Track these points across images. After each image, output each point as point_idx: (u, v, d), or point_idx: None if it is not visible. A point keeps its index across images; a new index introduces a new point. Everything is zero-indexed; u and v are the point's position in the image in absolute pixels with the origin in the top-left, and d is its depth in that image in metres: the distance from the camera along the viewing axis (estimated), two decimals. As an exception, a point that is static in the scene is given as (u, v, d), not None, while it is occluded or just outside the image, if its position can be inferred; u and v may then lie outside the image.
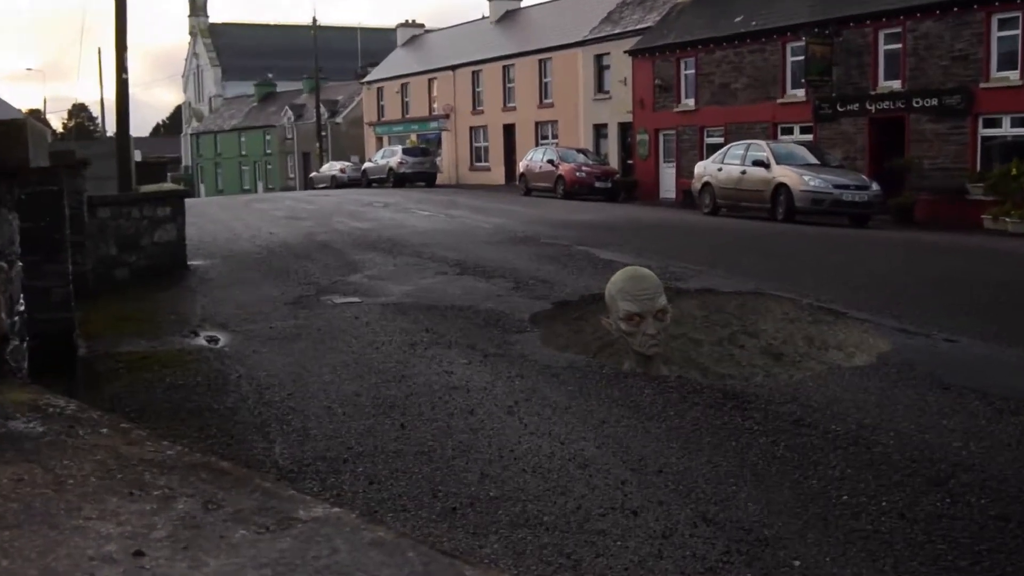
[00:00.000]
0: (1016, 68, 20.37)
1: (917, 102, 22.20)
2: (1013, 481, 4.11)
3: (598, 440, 4.66)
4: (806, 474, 4.20)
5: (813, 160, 21.20)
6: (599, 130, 35.15)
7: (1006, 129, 20.80)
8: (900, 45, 22.60)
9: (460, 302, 8.51)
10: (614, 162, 33.16)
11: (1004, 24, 20.66)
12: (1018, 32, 20.37)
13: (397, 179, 39.67)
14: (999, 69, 20.72)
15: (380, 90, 50.48)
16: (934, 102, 21.83)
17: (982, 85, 20.85)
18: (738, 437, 4.69)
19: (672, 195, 29.77)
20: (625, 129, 33.29)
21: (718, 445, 4.57)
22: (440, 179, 42.27)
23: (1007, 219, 18.94)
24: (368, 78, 51.95)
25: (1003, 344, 6.94)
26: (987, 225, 19.42)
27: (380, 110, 50.92)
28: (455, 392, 5.54)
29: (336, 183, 44.05)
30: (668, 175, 30.50)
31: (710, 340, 7.93)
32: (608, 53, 33.87)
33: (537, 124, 39.20)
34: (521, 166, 33.21)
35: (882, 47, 23.18)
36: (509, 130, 40.96)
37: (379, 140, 50.21)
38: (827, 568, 3.35)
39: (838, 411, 5.14)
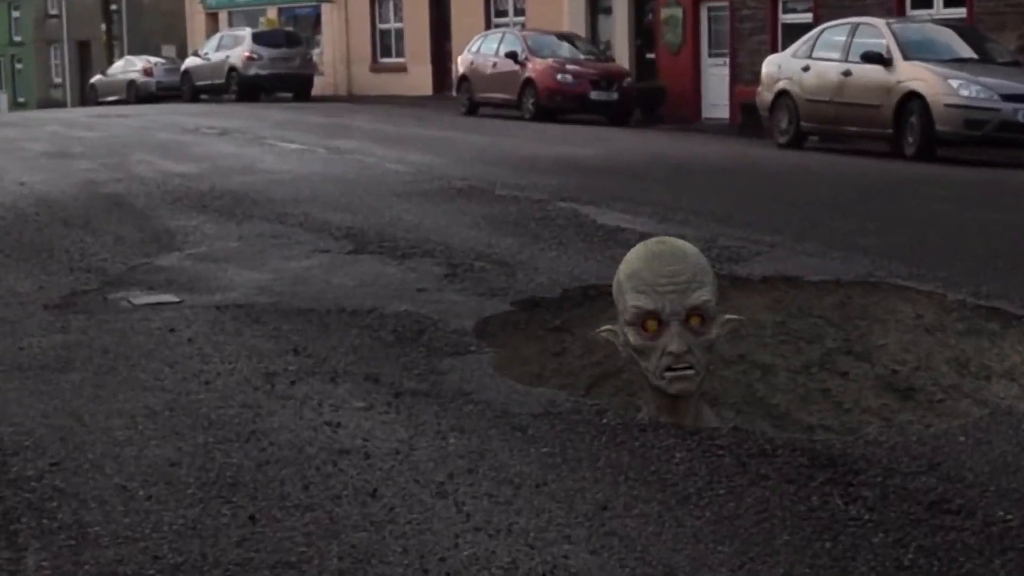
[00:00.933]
0: None
1: None
2: None
3: (594, 539, 4.65)
4: (954, 594, 4.24)
5: (967, 52, 21.36)
6: (595, 1, 35.19)
7: None
8: None
9: (354, 302, 8.49)
10: (622, 58, 33.23)
11: None
12: None
13: (245, 87, 39.47)
14: None
15: (214, -69, 50.20)
16: None
17: None
18: (836, 533, 4.70)
19: (724, 114, 29.91)
20: (642, 0, 33.36)
21: (802, 547, 4.58)
22: (320, 87, 42.12)
23: None
24: (192, -90, 51.68)
25: None
26: None
27: (214, -34, 50.59)
28: (345, 459, 5.51)
29: (138, 94, 43.77)
30: (716, 80, 30.64)
31: (789, 366, 7.97)
32: None
33: (489, -9, 39.17)
34: (461, 64, 33.14)
35: None
36: (439, 1, 40.84)
37: (212, 20, 49.91)
38: None
39: (1008, 487, 5.17)
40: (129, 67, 46.23)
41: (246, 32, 41.84)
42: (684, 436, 5.84)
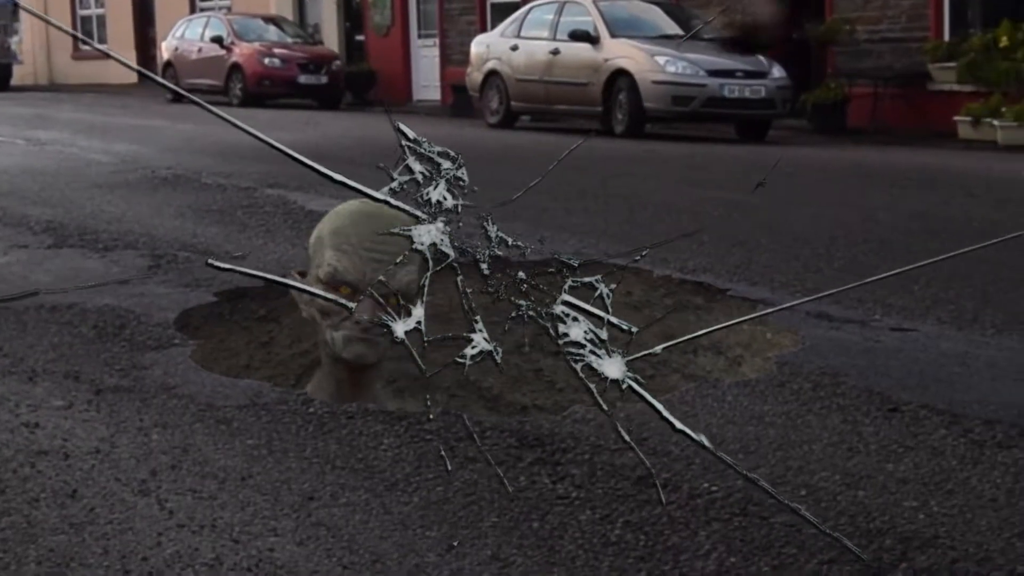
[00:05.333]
0: None
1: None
2: (999, 560, 4.33)
3: (300, 531, 4.62)
4: (660, 568, 4.31)
5: (673, 29, 21.86)
6: (303, -17, 35.08)
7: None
8: None
9: (53, 298, 8.36)
10: (331, 41, 33.23)
11: None
12: None
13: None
14: None
15: None
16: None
17: None
18: (544, 513, 4.75)
19: (435, 95, 30.11)
20: (350, -19, 33.35)
21: (510, 528, 4.61)
22: (19, 76, 41.21)
23: (994, 122, 20.04)
24: None
25: (987, 332, 7.39)
26: (963, 133, 20.59)
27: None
28: (43, 460, 5.38)
29: None
30: (427, 61, 30.85)
31: (502, 347, 8.03)
32: None
33: (192, -26, 38.73)
34: (166, 50, 32.80)
35: None
36: (141, -16, 40.25)
37: (-102, 6, 48.19)
38: None
39: (712, 459, 5.27)
40: None
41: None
42: (392, 422, 5.85)
